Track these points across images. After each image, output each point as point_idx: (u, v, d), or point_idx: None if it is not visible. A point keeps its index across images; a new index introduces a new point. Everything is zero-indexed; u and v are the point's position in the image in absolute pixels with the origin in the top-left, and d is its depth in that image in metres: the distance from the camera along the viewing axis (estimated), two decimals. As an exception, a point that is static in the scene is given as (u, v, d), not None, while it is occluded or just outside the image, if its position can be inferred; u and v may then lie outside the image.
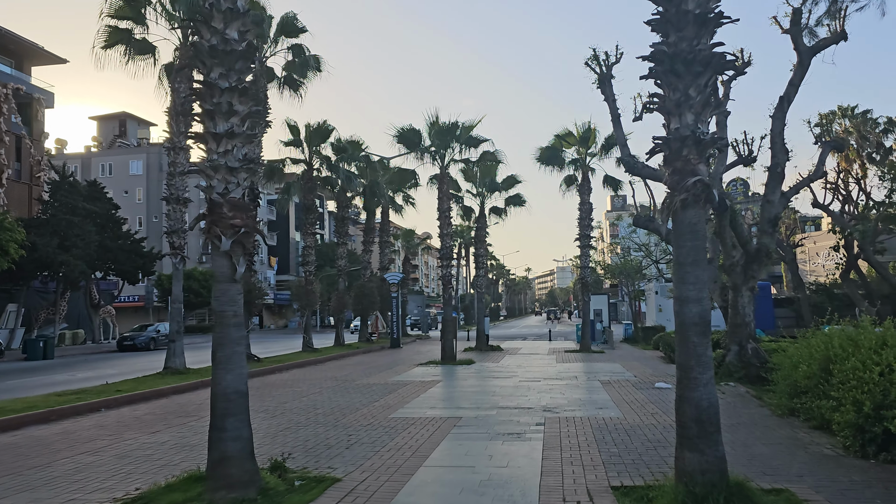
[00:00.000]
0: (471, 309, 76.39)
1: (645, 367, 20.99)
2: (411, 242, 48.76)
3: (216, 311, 6.85)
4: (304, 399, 14.49)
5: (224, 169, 6.87)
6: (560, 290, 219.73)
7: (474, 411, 12.37)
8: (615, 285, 61.23)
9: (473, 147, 24.37)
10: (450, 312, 24.66)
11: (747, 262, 16.08)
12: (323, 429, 10.81)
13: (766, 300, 35.90)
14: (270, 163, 29.68)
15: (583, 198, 30.16)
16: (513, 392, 15.21)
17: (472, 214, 32.56)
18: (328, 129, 29.70)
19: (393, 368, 21.96)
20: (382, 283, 38.31)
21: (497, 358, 25.99)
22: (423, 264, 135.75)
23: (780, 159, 15.95)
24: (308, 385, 17.26)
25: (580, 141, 29.73)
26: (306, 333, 29.39)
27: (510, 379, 18.14)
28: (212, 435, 6.70)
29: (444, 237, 24.36)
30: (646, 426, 10.54)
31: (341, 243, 34.65)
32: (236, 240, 6.85)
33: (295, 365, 23.25)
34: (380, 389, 16.05)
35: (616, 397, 14.04)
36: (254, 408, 13.71)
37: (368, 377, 19.15)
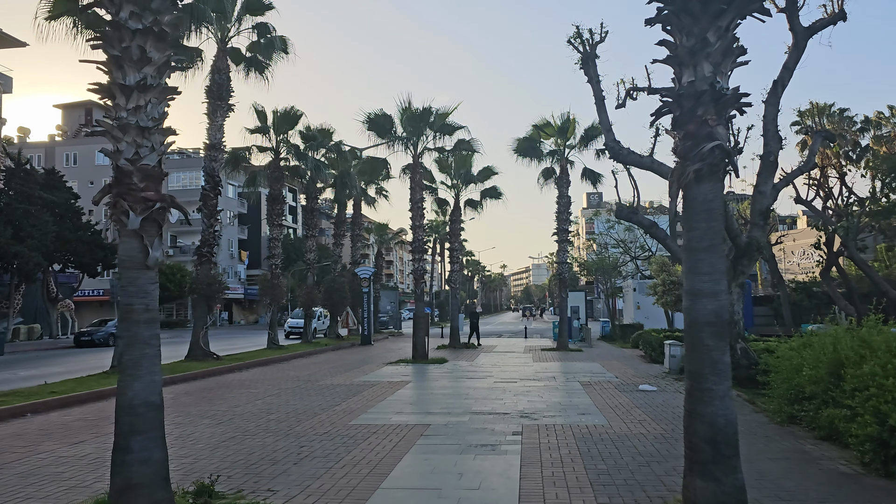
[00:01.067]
0: (445, 305, 75.23)
1: (626, 367, 19.98)
2: (384, 236, 47.42)
3: (122, 303, 5.57)
4: (258, 402, 13.20)
5: (134, 129, 5.57)
6: (535, 287, 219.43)
7: (444, 417, 11.19)
8: (591, 282, 60.51)
9: (448, 135, 23.14)
10: (422, 308, 23.45)
11: (737, 257, 15.06)
12: (273, 438, 9.55)
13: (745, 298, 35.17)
14: (235, 150, 28.18)
15: (561, 191, 29.11)
16: (487, 395, 14.06)
17: (447, 207, 31.34)
18: (296, 115, 28.27)
19: (361, 367, 20.72)
20: (354, 278, 36.98)
21: (471, 356, 24.85)
22: (398, 260, 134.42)
23: (772, 147, 14.95)
24: (266, 386, 15.96)
25: (559, 132, 28.67)
26: (271, 330, 27.99)
27: (485, 380, 17.00)
28: (115, 457, 5.44)
29: (416, 229, 23.11)
30: (634, 436, 9.44)
31: (311, 236, 33.24)
32: (149, 217, 5.57)
33: (256, 363, 21.89)
34: (343, 391, 14.81)
35: (599, 401, 12.95)
36: (200, 413, 12.54)
37: (333, 377, 17.89)
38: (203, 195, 22.38)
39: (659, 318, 34.21)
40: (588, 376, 17.51)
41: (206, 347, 21.68)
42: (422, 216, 23.24)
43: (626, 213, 17.32)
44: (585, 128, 28.54)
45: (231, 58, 23.21)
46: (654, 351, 22.19)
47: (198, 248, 22.34)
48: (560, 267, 29.27)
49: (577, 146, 28.88)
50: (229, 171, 28.97)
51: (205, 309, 21.94)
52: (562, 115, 28.64)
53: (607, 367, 19.93)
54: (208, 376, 18.27)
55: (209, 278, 21.86)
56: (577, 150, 29.10)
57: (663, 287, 29.35)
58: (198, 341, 21.53)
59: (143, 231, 5.52)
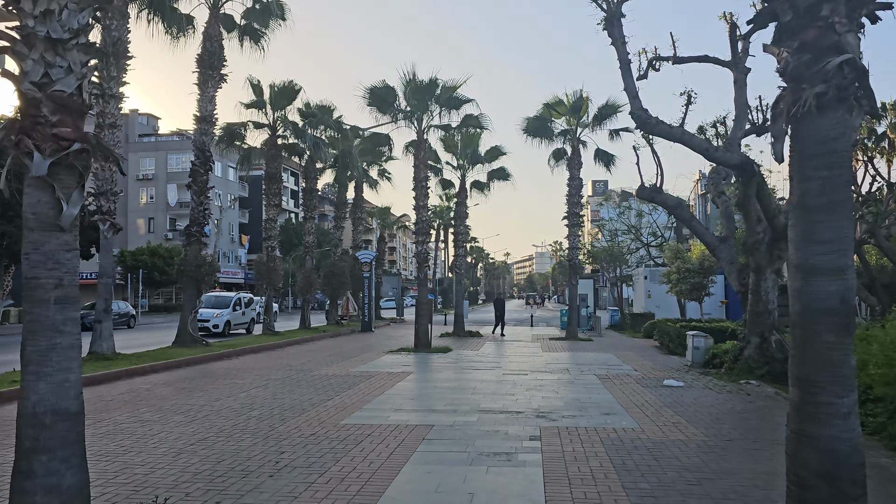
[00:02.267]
0: (448, 292, 73.91)
1: (642, 359, 18.61)
2: (387, 220, 45.96)
3: (25, 277, 4.17)
4: (241, 395, 11.85)
5: (43, 43, 4.15)
6: (539, 275, 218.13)
7: (450, 416, 9.83)
8: (596, 270, 59.11)
9: (455, 109, 21.63)
10: (425, 294, 22.07)
11: (773, 240, 13.66)
12: (250, 441, 8.20)
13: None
14: (230, 126, 26.74)
15: (572, 173, 27.67)
16: (496, 389, 12.70)
17: (452, 189, 29.93)
18: (295, 90, 26.79)
19: (359, 356, 19.37)
20: (355, 263, 35.62)
21: (476, 345, 23.50)
22: (401, 246, 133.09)
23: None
24: (254, 376, 14.61)
25: (571, 110, 27.18)
26: (267, 315, 26.67)
27: (492, 371, 15.64)
28: (13, 483, 4.07)
29: (419, 209, 21.67)
30: (673, 443, 8.06)
31: (309, 218, 31.84)
32: (63, 161, 4.15)
33: (249, 350, 20.56)
34: (338, 383, 13.46)
35: (622, 398, 11.57)
36: (174, 408, 10.60)
37: (328, 366, 16.55)
38: (193, 171, 20.97)
39: (671, 308, 32.83)
40: (604, 369, 16.14)
41: (195, 333, 20.34)
42: (426, 195, 21.80)
43: (649, 192, 15.91)
44: (599, 106, 27.06)
45: (224, 25, 21.74)
46: (673, 342, 20.82)
47: (186, 228, 20.95)
48: (570, 252, 27.86)
49: (591, 126, 27.40)
50: (223, 148, 27.55)
51: (194, 293, 20.58)
52: (574, 93, 27.16)
53: (623, 359, 18.55)
54: (193, 364, 16.93)
55: (198, 260, 20.48)
56: (589, 130, 27.64)
57: (677, 275, 27.95)
58: (186, 326, 20.19)
59: (53, 179, 4.11)
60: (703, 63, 16.45)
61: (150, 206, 74.79)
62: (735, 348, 14.61)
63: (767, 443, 8.08)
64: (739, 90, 15.85)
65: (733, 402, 11.19)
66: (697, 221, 15.76)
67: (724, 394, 12.12)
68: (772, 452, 7.58)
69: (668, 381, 13.47)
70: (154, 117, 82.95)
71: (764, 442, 8.14)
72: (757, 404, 11.01)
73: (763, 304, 13.85)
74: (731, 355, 14.52)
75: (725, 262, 15.02)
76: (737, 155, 13.39)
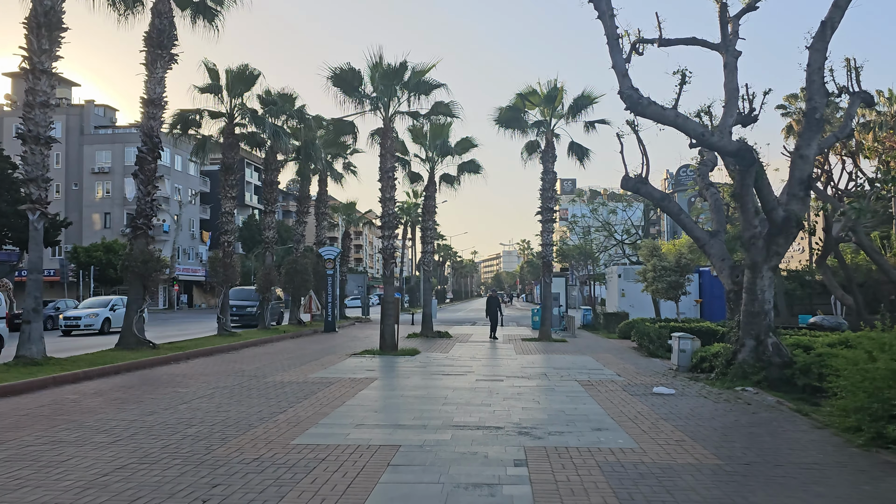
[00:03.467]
0: (416, 291, 72.49)
1: (623, 362, 17.50)
2: (352, 216, 44.34)
3: None
4: (181, 407, 10.37)
5: None
6: (506, 273, 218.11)
7: (419, 433, 8.50)
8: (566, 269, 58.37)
9: (424, 95, 20.25)
10: (392, 293, 20.68)
11: (771, 234, 12.59)
12: (178, 469, 6.78)
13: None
14: (183, 112, 25.03)
15: (546, 166, 26.52)
16: (470, 398, 11.41)
17: (421, 183, 28.52)
18: (253, 75, 25.18)
19: (320, 359, 17.94)
20: (318, 260, 34.06)
21: (446, 347, 22.19)
22: (368, 244, 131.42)
23: (817, 102, 12.46)
24: (201, 384, 13.10)
25: (545, 100, 26.04)
26: (222, 314, 25.03)
27: (464, 377, 14.35)
28: None
29: (386, 202, 20.25)
30: (684, 469, 6.84)
31: (270, 212, 30.16)
32: None
33: (200, 353, 18.97)
34: (293, 392, 12.04)
35: (611, 409, 10.36)
36: (98, 424, 8.89)
37: (285, 371, 15.10)
38: (139, 159, 19.31)
39: (645, 307, 31.92)
40: (585, 374, 14.96)
41: (141, 334, 18.69)
42: (392, 187, 20.39)
43: (634, 183, 14.77)
44: (575, 97, 25.99)
45: (175, 1, 20.08)
46: (653, 344, 19.76)
47: (132, 220, 19.28)
48: (544, 249, 26.73)
49: (566, 117, 26.30)
50: (177, 137, 25.84)
51: (140, 290, 18.93)
52: (549, 83, 26.02)
53: (603, 362, 17.42)
54: (135, 370, 15.34)
55: (145, 255, 18.83)
56: (564, 122, 26.57)
57: (654, 273, 26.99)
58: (130, 327, 18.54)
59: None
60: (691, 46, 15.42)
61: (107, 200, 72.07)
62: (727, 351, 13.52)
63: (793, 468, 6.91)
64: (730, 74, 14.83)
65: (735, 414, 10.05)
66: (686, 215, 14.68)
67: (722, 403, 10.99)
68: (802, 481, 6.41)
69: (658, 388, 12.30)
70: (111, 109, 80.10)
71: (788, 466, 6.96)
72: (761, 416, 9.88)
73: (759, 303, 12.78)
74: (723, 359, 13.43)
75: (716, 259, 13.95)
76: (734, 140, 12.30)
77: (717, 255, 13.87)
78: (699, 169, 16.07)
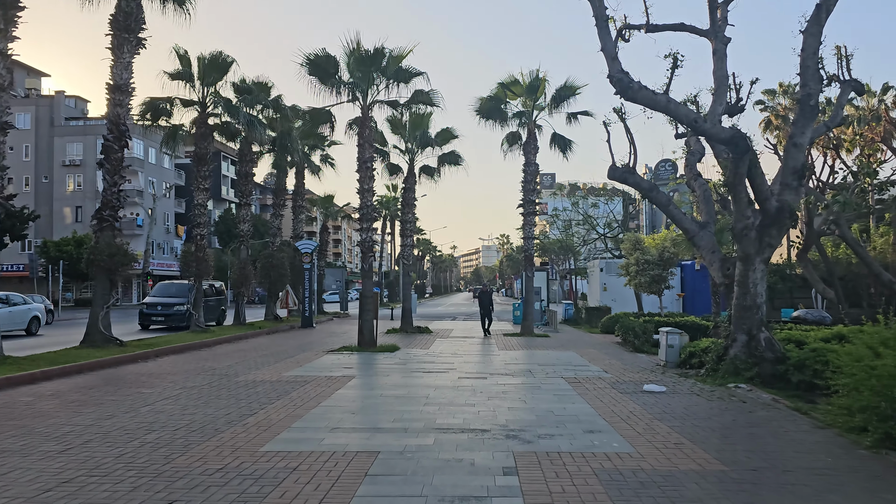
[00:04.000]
0: (395, 285, 71.80)
1: (608, 358, 17.03)
2: (330, 209, 43.50)
3: None
4: (143, 410, 9.67)
5: None
6: (486, 268, 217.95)
7: (399, 437, 7.91)
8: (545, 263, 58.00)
9: (403, 83, 19.58)
10: (370, 287, 20.03)
11: (764, 226, 12.13)
12: (131, 482, 6.11)
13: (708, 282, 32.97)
14: (153, 100, 24.11)
15: (528, 158, 25.98)
16: (453, 397, 10.82)
17: (400, 174, 27.82)
18: (226, 62, 24.31)
19: (296, 356, 17.26)
20: (295, 254, 33.27)
21: (426, 342, 21.59)
22: (347, 238, 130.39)
23: (812, 88, 12.01)
24: (167, 383, 12.38)
25: (527, 91, 25.47)
26: (195, 310, 24.20)
27: (446, 374, 13.77)
28: None
29: (364, 193, 19.56)
30: (686, 476, 6.30)
31: (245, 204, 29.31)
32: None
33: (170, 350, 18.20)
34: (266, 392, 11.37)
35: (602, 409, 9.83)
36: (49, 430, 8.15)
37: (259, 370, 14.41)
38: (105, 147, 18.44)
39: (627, 301, 31.60)
40: (571, 370, 14.44)
41: (107, 331, 17.85)
42: (371, 178, 19.70)
43: (621, 173, 14.26)
44: (557, 87, 25.45)
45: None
46: (638, 339, 19.33)
47: (98, 212, 18.39)
48: (526, 242, 26.18)
49: (548, 107, 25.76)
50: (148, 126, 24.92)
51: (106, 284, 18.07)
52: (531, 73, 25.46)
53: (588, 358, 16.93)
54: (98, 369, 14.55)
55: (111, 248, 17.98)
56: (546, 113, 26.03)
57: (636, 267, 26.61)
58: (96, 323, 17.70)
59: None
60: (680, 32, 14.91)
61: (78, 193, 70.36)
62: (718, 347, 13.07)
63: (803, 473, 6.40)
64: (719, 61, 14.35)
65: (732, 413, 9.57)
66: (675, 206, 14.21)
67: (716, 401, 10.51)
68: (816, 489, 5.91)
69: (648, 385, 11.79)
70: (83, 100, 78.25)
71: (798, 472, 6.46)
72: (759, 415, 9.41)
73: (751, 297, 12.33)
74: (714, 354, 12.98)
75: (706, 251, 13.49)
76: (727, 128, 11.81)
77: (707, 248, 13.42)
78: (687, 159, 15.61)
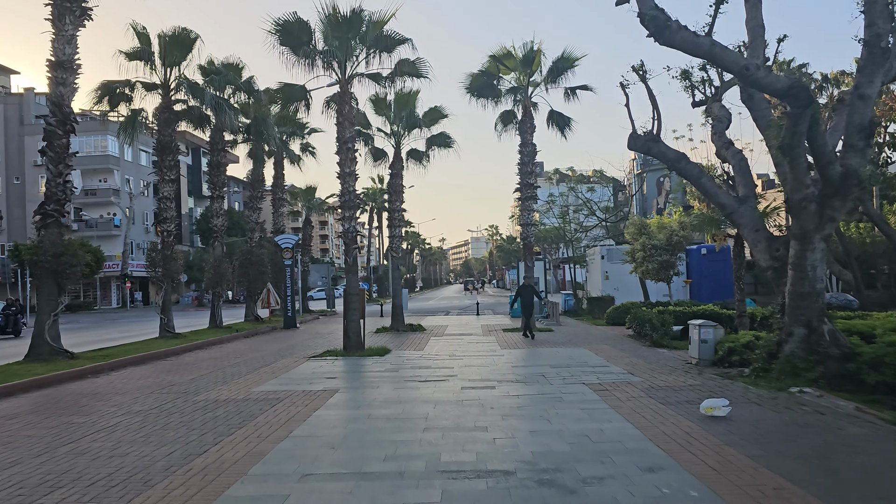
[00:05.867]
0: (384, 280, 69.54)
1: (626, 355, 15.00)
2: (313, 202, 41.18)
3: None
4: (61, 451, 7.49)
5: None
6: (475, 260, 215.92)
7: (393, 487, 5.80)
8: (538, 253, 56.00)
9: (386, 52, 17.35)
10: (355, 283, 17.84)
11: (825, 196, 10.08)
12: None
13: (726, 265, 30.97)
14: (110, 84, 21.75)
15: (524, 138, 23.84)
16: (458, 418, 8.71)
17: (385, 161, 25.59)
18: (190, 39, 21.95)
19: (272, 364, 15.09)
20: (276, 249, 31.00)
21: (419, 342, 19.46)
22: (334, 233, 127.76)
23: (881, 28, 9.94)
24: (110, 407, 10.19)
25: (522, 63, 23.33)
26: (164, 314, 21.95)
27: (446, 383, 11.65)
28: None
29: (345, 178, 17.34)
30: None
31: (217, 197, 27.03)
32: None
33: (129, 361, 15.99)
34: (227, 416, 9.22)
35: (648, 429, 7.75)
36: None
37: (225, 384, 12.24)
38: (47, 132, 16.15)
39: (631, 289, 29.59)
40: (591, 373, 12.37)
41: (55, 342, 15.64)
42: (353, 160, 17.48)
43: (643, 141, 12.15)
44: (554, 59, 23.31)
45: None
46: (656, 332, 17.30)
47: (40, 206, 16.09)
48: (525, 230, 24.08)
49: (544, 82, 23.63)
50: (106, 113, 22.58)
51: (53, 289, 15.83)
52: (525, 45, 23.31)
53: (604, 356, 14.88)
54: (36, 388, 12.33)
55: (57, 247, 15.73)
56: (543, 89, 23.87)
57: (643, 252, 24.59)
58: (42, 334, 15.48)
59: None
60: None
61: (51, 194, 67.53)
62: (768, 342, 11.03)
63: None
64: (752, 9, 12.28)
65: (816, 431, 7.51)
66: (708, 177, 12.13)
67: (785, 412, 8.47)
68: None
69: (709, 402, 8.69)
70: (54, 97, 75.22)
71: None
72: (851, 432, 7.36)
73: (809, 282, 10.29)
74: (764, 351, 10.94)
75: (748, 229, 11.44)
76: (783, 77, 9.75)
77: (749, 225, 11.37)
78: (714, 126, 13.52)
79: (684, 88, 15.34)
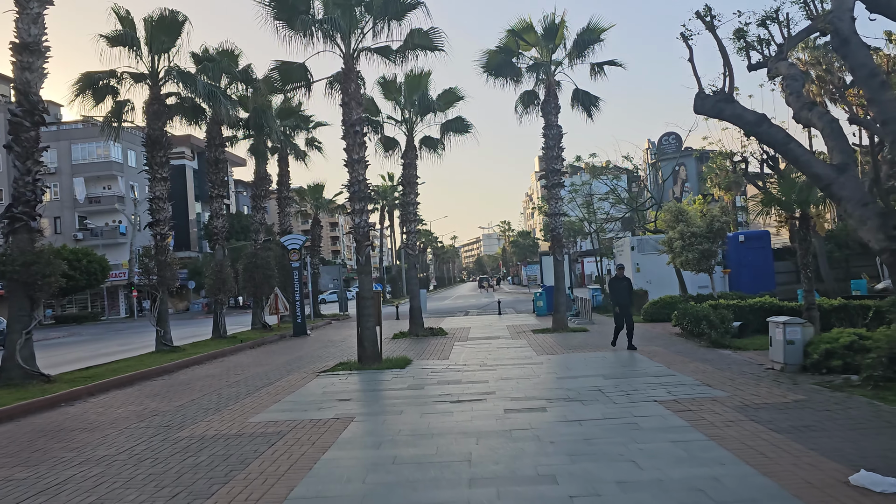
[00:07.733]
0: (398, 281, 67.52)
1: (685, 358, 12.84)
2: (320, 200, 39.14)
3: None
4: (-26, 532, 5.44)
5: None
6: (488, 257, 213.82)
7: None
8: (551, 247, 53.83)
9: (395, 20, 15.17)
10: (369, 285, 15.74)
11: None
12: None
13: (766, 252, 28.68)
14: (92, 75, 19.74)
15: (548, 119, 21.68)
16: (512, 460, 6.58)
17: (398, 149, 23.46)
18: (178, 22, 19.92)
19: (276, 382, 13.02)
20: (283, 252, 28.99)
21: (443, 349, 17.35)
22: (345, 234, 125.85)
23: None
24: (70, 451, 8.14)
25: (544, 37, 21.15)
26: (160, 326, 19.97)
27: (483, 403, 9.53)
28: None
29: (353, 165, 15.20)
30: None
31: (216, 196, 25.04)
32: None
33: (114, 383, 13.96)
34: (210, 462, 7.14)
35: (778, 473, 5.59)
36: None
37: (218, 411, 10.18)
38: (13, 125, 14.16)
39: (665, 282, 27.29)
40: (657, 386, 10.21)
41: (28, 364, 13.63)
42: (362, 145, 15.35)
43: (713, 102, 10.12)
44: (578, 31, 21.12)
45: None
46: (716, 330, 15.11)
47: (8, 209, 14.08)
48: (553, 220, 21.91)
49: (568, 58, 21.45)
50: (91, 108, 20.56)
51: (24, 304, 13.82)
52: (546, 17, 21.13)
53: (662, 362, 12.74)
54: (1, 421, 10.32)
55: (27, 256, 13.72)
56: (567, 66, 21.69)
57: (681, 241, 22.31)
58: (13, 355, 13.48)
59: None
60: None
61: (55, 203, 66.02)
62: (890, 342, 8.82)
63: None
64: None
65: None
66: (797, 143, 9.96)
67: (953, 442, 6.28)
68: None
69: (870, 477, 5.39)
70: (55, 104, 73.57)
71: None
72: None
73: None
74: (884, 354, 8.73)
75: (853, 203, 9.24)
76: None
77: (854, 199, 9.19)
78: (789, 85, 11.29)
79: (737, 50, 13.16)
